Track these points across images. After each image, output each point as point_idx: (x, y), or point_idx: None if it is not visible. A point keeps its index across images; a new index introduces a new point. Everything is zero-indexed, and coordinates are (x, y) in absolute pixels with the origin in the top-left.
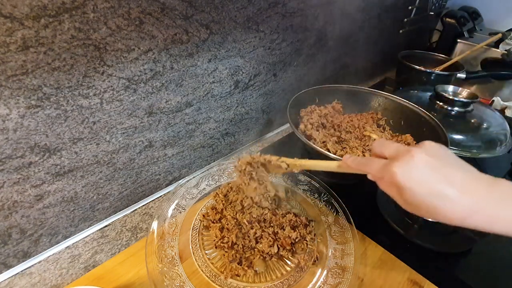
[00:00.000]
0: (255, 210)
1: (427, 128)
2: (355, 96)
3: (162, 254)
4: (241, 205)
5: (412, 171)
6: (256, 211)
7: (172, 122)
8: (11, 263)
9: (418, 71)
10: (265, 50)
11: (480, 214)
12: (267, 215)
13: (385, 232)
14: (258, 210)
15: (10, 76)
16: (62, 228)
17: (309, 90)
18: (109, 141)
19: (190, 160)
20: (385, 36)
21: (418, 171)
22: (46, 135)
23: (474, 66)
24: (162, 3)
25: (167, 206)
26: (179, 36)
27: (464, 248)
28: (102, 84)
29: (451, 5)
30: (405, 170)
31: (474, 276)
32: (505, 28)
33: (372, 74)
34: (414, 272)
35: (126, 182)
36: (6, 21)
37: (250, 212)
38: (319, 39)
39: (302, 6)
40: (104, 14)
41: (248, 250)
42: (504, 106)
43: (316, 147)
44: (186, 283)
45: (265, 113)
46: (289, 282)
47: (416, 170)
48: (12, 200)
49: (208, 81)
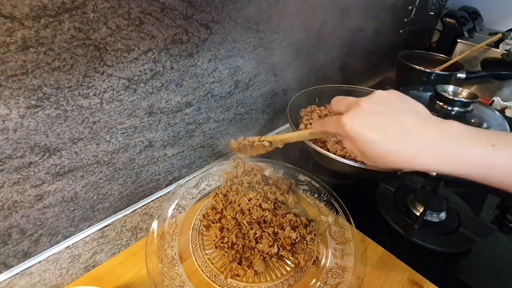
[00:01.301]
0: (256, 211)
1: None
2: (355, 96)
3: (162, 254)
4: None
5: (359, 119)
6: (256, 212)
7: (172, 122)
8: (11, 263)
9: (418, 71)
10: (265, 50)
11: (427, 154)
12: (268, 216)
13: (385, 232)
14: (259, 212)
15: (10, 76)
16: (62, 228)
17: (309, 90)
18: (109, 141)
19: (190, 160)
20: (385, 36)
21: (364, 118)
22: (46, 135)
23: (474, 66)
24: (162, 3)
25: (167, 206)
26: (179, 36)
27: (464, 248)
28: (102, 84)
29: (451, 5)
30: (353, 120)
31: (474, 276)
32: (505, 28)
33: (372, 74)
34: (414, 272)
35: (126, 182)
36: (6, 21)
37: (250, 214)
38: (319, 39)
39: (302, 6)
40: (104, 14)
41: (248, 250)
42: (504, 106)
43: (316, 147)
44: (186, 283)
45: (265, 113)
46: (289, 282)
47: (362, 118)
48: (12, 200)
49: (208, 81)
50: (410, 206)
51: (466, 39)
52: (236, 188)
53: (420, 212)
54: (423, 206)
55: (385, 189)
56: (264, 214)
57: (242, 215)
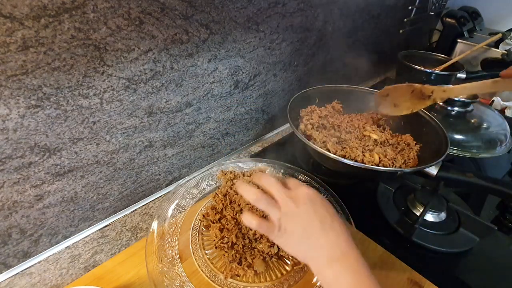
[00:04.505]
0: (256, 212)
1: (427, 128)
2: (355, 96)
3: (162, 254)
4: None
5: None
6: (256, 212)
7: (172, 122)
8: (11, 263)
9: (418, 71)
10: (265, 50)
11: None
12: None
13: (385, 232)
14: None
15: (10, 76)
16: (62, 228)
17: (309, 90)
18: (109, 141)
19: (190, 160)
20: (385, 36)
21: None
22: (46, 135)
23: (474, 66)
24: (162, 3)
25: (167, 206)
26: (179, 36)
27: (464, 248)
28: (102, 84)
29: (451, 5)
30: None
31: (474, 276)
32: (505, 28)
33: (372, 74)
34: (414, 272)
35: (126, 182)
36: (6, 21)
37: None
38: (319, 39)
39: (302, 6)
40: (104, 14)
41: (248, 250)
42: (504, 106)
43: (316, 147)
44: (186, 283)
45: (265, 113)
46: (289, 282)
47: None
48: (12, 200)
49: (208, 81)
50: (410, 206)
51: (466, 39)
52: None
53: (420, 212)
54: (423, 206)
55: (385, 189)
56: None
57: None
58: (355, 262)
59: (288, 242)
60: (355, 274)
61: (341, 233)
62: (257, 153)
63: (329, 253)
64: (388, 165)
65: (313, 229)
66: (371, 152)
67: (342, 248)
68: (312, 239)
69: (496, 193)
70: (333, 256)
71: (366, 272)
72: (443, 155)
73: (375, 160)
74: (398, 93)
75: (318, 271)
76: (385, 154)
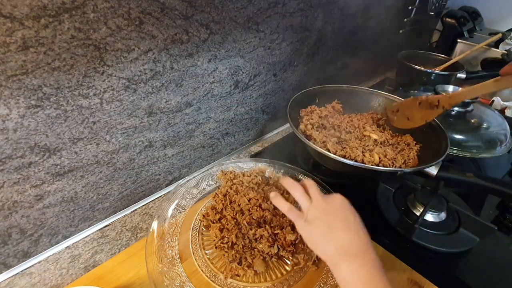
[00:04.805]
0: (255, 212)
1: (427, 128)
2: (355, 96)
3: (162, 254)
4: (240, 207)
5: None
6: (256, 212)
7: (172, 122)
8: (11, 263)
9: (418, 71)
10: (265, 50)
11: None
12: (267, 216)
13: (385, 232)
14: (258, 212)
15: (10, 76)
16: (62, 228)
17: (309, 90)
18: (109, 141)
19: (190, 160)
20: (385, 36)
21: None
22: (46, 135)
23: (474, 66)
24: (162, 3)
25: (167, 206)
26: (179, 36)
27: (464, 248)
28: (102, 84)
29: (451, 5)
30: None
31: (474, 276)
32: (505, 28)
33: (372, 74)
34: (414, 272)
35: (126, 182)
36: (6, 21)
37: (250, 214)
38: (319, 39)
39: (302, 6)
40: (104, 14)
41: (248, 250)
42: (504, 106)
43: (316, 147)
44: (186, 283)
45: (265, 113)
46: (289, 282)
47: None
48: (12, 200)
49: (208, 81)
50: (410, 206)
51: (466, 39)
52: (236, 188)
53: (420, 212)
54: (423, 206)
55: (385, 189)
56: (264, 214)
57: (242, 215)
58: (371, 261)
59: (312, 234)
60: (370, 272)
61: (362, 234)
62: (257, 153)
63: (348, 249)
64: (388, 165)
65: (336, 226)
66: (371, 152)
67: (360, 246)
68: (334, 234)
69: (496, 193)
70: (351, 252)
71: (380, 271)
72: (443, 155)
73: (375, 160)
74: (407, 107)
75: (335, 265)
76: (385, 154)
